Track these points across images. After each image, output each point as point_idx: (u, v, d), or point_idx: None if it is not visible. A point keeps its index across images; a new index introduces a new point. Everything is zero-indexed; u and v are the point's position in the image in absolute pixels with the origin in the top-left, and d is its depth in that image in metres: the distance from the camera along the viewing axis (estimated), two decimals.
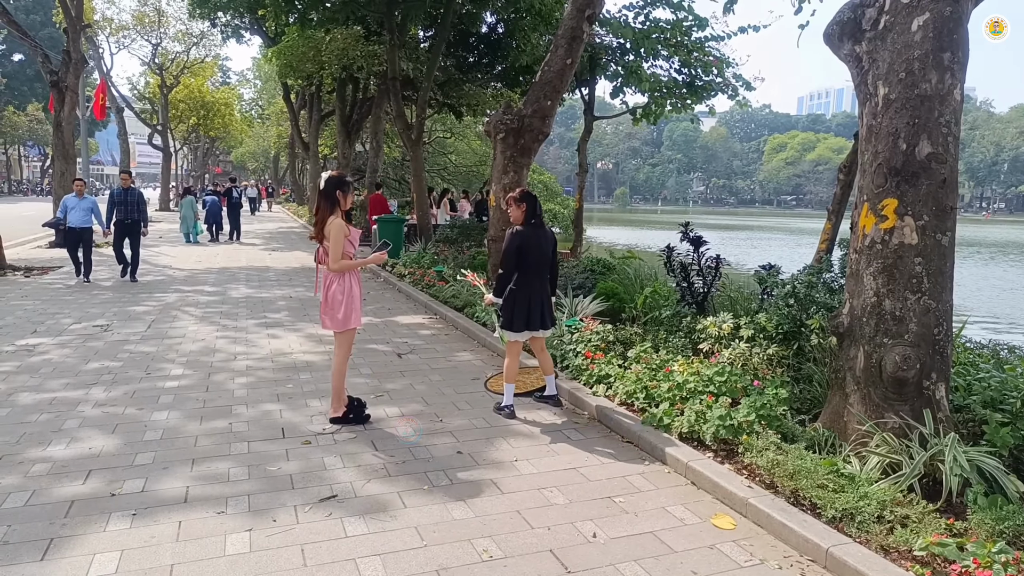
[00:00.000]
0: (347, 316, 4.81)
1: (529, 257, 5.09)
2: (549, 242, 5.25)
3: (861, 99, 4.25)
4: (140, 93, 37.93)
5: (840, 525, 3.31)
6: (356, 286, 4.88)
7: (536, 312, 5.14)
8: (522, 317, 5.11)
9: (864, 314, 4.04)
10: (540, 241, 5.16)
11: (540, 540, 3.38)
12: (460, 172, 37.31)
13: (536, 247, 5.12)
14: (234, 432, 4.74)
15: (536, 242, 5.13)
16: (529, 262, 5.09)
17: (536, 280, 5.16)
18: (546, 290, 5.27)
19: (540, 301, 5.16)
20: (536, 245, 5.12)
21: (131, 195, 11.46)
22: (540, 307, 5.16)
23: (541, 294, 5.19)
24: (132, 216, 11.41)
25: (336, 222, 4.67)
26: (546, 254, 5.21)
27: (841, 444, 4.03)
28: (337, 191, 4.73)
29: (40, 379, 5.83)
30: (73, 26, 16.30)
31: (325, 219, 4.71)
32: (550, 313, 5.27)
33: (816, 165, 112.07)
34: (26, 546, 3.20)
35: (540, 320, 5.17)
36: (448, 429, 4.90)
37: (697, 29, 12.98)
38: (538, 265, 5.16)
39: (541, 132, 9.48)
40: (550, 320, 5.28)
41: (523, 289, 5.10)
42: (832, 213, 7.95)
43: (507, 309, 5.13)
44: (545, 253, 5.20)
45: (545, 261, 5.22)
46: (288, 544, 3.28)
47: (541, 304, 5.17)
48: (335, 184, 4.75)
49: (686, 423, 4.47)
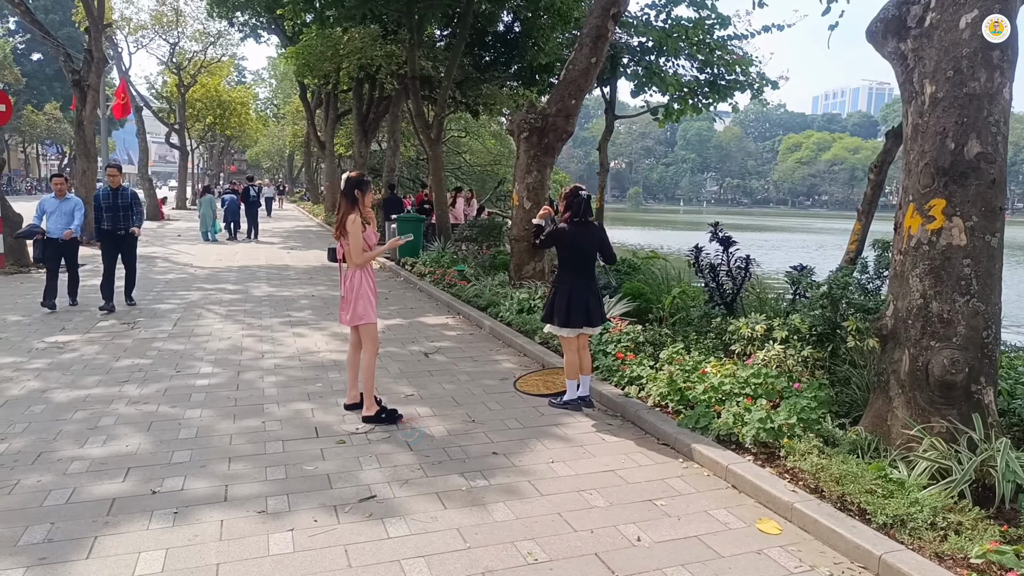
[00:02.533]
0: (365, 310, 4.92)
1: (569, 253, 5.24)
2: (596, 239, 5.31)
3: (906, 97, 4.18)
4: (158, 92, 38.18)
5: (891, 531, 3.25)
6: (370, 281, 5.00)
7: (581, 309, 5.16)
8: (575, 314, 5.15)
9: (909, 316, 3.97)
10: (586, 239, 5.24)
11: (584, 543, 3.35)
12: (474, 171, 37.28)
13: (580, 244, 5.22)
14: (268, 431, 4.73)
15: (582, 240, 5.22)
16: (571, 258, 5.23)
17: (582, 277, 5.21)
18: (593, 288, 5.29)
19: (587, 298, 5.18)
20: (580, 243, 5.22)
21: (122, 197, 8.74)
22: (586, 304, 5.18)
23: (587, 291, 5.21)
24: (125, 225, 8.75)
25: (351, 218, 4.81)
26: (592, 252, 5.29)
27: (886, 448, 3.96)
28: (356, 190, 4.88)
29: (72, 376, 5.87)
30: (95, 26, 16.42)
31: (345, 217, 4.85)
32: (598, 310, 5.29)
33: (832, 165, 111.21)
34: (71, 544, 3.20)
35: (587, 317, 5.19)
36: (481, 430, 4.88)
37: (720, 27, 12.89)
38: (584, 262, 5.24)
39: (565, 131, 9.45)
40: (598, 318, 5.29)
41: (567, 284, 5.19)
42: (862, 213, 7.85)
43: (559, 306, 5.19)
44: (591, 251, 5.28)
45: (591, 259, 5.29)
46: (331, 544, 3.27)
47: (587, 301, 5.18)
48: (354, 184, 4.90)
49: (724, 425, 4.42)
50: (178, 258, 15.04)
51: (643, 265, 9.43)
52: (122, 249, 8.92)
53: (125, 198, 8.79)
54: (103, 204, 8.69)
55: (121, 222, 8.73)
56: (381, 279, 12.33)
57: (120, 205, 8.72)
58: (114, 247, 8.83)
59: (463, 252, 13.32)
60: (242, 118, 41.50)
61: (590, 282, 5.28)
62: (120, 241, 8.83)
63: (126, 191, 8.87)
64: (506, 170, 33.36)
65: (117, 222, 8.72)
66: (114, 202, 8.70)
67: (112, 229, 8.71)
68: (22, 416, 4.86)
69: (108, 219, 8.67)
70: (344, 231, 4.85)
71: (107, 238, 8.77)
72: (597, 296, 5.34)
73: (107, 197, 8.71)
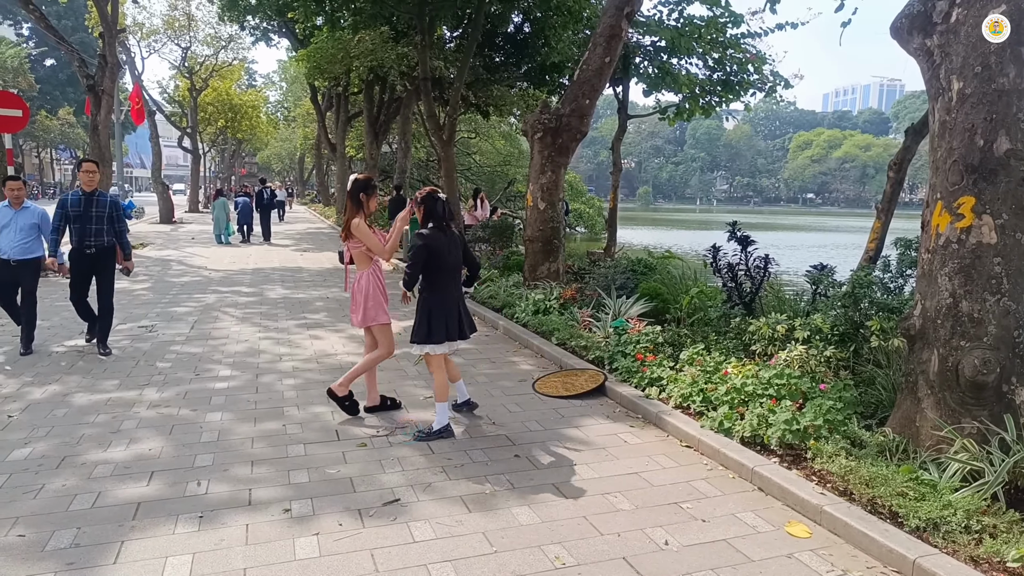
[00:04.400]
0: (376, 311, 4.95)
1: (438, 263, 4.66)
2: (457, 245, 4.82)
3: (932, 94, 4.12)
4: (170, 96, 38.41)
5: (925, 535, 3.20)
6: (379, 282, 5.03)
7: (455, 321, 4.72)
8: (441, 328, 4.66)
9: (938, 316, 3.91)
10: (451, 247, 4.72)
11: (611, 547, 3.31)
12: (484, 172, 37.26)
13: (448, 253, 4.69)
14: (288, 434, 4.73)
15: (449, 248, 4.70)
16: (440, 269, 4.68)
17: (450, 287, 4.75)
18: (462, 299, 4.86)
19: (456, 309, 4.76)
20: (448, 251, 4.69)
21: (98, 205, 6.53)
22: (458, 316, 4.75)
23: (458, 302, 4.79)
24: (98, 241, 6.55)
25: (355, 222, 4.85)
26: (459, 260, 4.81)
27: (915, 450, 3.91)
28: (361, 194, 4.93)
29: (92, 379, 5.89)
30: (109, 31, 16.52)
31: (350, 221, 4.90)
32: (468, 320, 4.88)
33: (843, 163, 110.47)
34: (98, 548, 3.20)
35: (459, 329, 4.77)
36: (502, 432, 4.85)
37: (733, 26, 12.81)
38: (453, 272, 4.78)
39: (579, 131, 9.42)
40: (469, 328, 4.87)
41: (438, 296, 4.69)
42: (882, 211, 7.78)
43: (423, 321, 4.66)
44: (457, 257, 4.79)
45: (458, 266, 4.82)
46: (357, 549, 3.25)
47: (457, 312, 4.76)
48: (360, 187, 4.94)
49: (748, 427, 4.38)
50: (192, 261, 15.11)
51: (659, 265, 9.38)
52: (96, 272, 6.67)
53: (102, 206, 6.55)
54: (71, 212, 6.48)
55: (93, 237, 6.50)
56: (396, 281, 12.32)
57: (95, 215, 6.50)
58: (86, 270, 6.66)
59: (477, 253, 13.32)
60: (253, 121, 41.69)
61: (457, 293, 4.82)
62: (93, 263, 6.61)
63: (104, 197, 6.62)
64: (516, 171, 33.34)
65: (85, 237, 6.49)
66: (86, 210, 6.49)
67: (79, 246, 6.53)
68: (44, 420, 4.88)
69: (76, 232, 6.50)
70: (350, 235, 4.90)
71: (74, 259, 6.62)
72: (466, 306, 4.90)
73: (77, 203, 6.49)
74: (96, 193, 6.58)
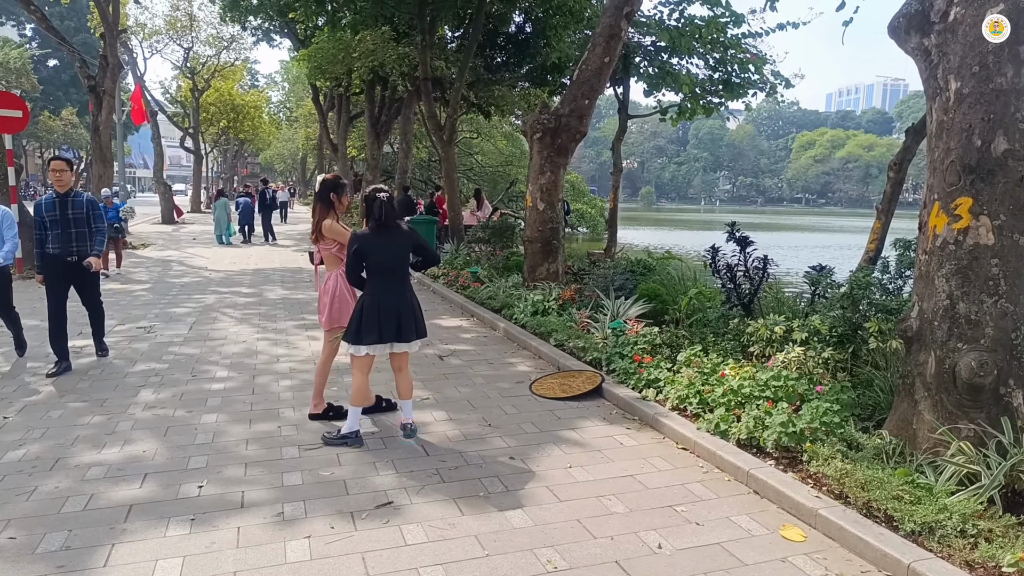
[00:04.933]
0: (341, 313, 4.87)
1: (369, 262, 4.49)
2: (402, 243, 4.56)
3: (930, 94, 4.09)
4: (172, 97, 38.48)
5: (920, 539, 3.17)
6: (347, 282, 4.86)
7: (391, 323, 4.43)
8: (372, 330, 4.41)
9: (935, 317, 3.88)
10: (387, 245, 4.49)
11: (604, 551, 3.29)
12: (486, 172, 37.25)
13: (381, 251, 4.48)
14: (283, 436, 4.72)
15: (382, 246, 4.48)
16: (372, 268, 4.51)
17: (387, 287, 4.48)
18: (406, 299, 4.54)
19: (395, 311, 4.46)
20: (381, 250, 4.48)
21: (74, 207, 6.07)
22: (396, 317, 4.45)
23: (397, 303, 4.48)
24: (79, 247, 6.11)
25: (327, 223, 4.80)
26: (397, 258, 4.54)
27: (911, 453, 3.88)
28: (331, 194, 4.88)
29: (90, 381, 5.88)
30: (110, 32, 16.56)
31: (321, 222, 4.84)
32: (412, 324, 4.51)
33: (846, 163, 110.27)
34: (88, 552, 3.19)
35: (396, 332, 4.47)
36: (497, 434, 4.84)
37: (734, 26, 12.78)
38: (387, 271, 4.51)
39: (578, 132, 9.40)
40: (411, 332, 4.52)
41: (371, 297, 4.46)
42: (882, 211, 7.74)
43: (354, 320, 4.48)
44: (396, 258, 4.53)
45: (395, 267, 4.55)
46: (348, 552, 3.23)
47: (397, 314, 4.46)
48: (330, 187, 4.90)
49: (744, 429, 4.35)
50: (193, 261, 15.12)
51: (658, 266, 9.35)
52: (76, 284, 6.28)
53: (79, 207, 6.08)
54: (47, 218, 6.00)
55: (73, 243, 6.06)
56: None
57: (72, 217, 6.04)
58: (62, 279, 6.15)
59: (476, 254, 13.30)
60: (255, 121, 41.73)
61: (396, 293, 4.51)
62: (72, 273, 6.15)
63: (80, 198, 6.14)
64: (518, 171, 33.32)
65: (67, 243, 6.04)
66: (62, 214, 6.01)
67: (61, 254, 6.05)
68: (40, 421, 4.87)
69: (54, 239, 6.02)
70: (321, 235, 4.85)
71: (52, 268, 6.07)
72: (411, 307, 4.54)
73: (51, 207, 6.01)
74: (71, 194, 6.09)
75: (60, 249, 6.05)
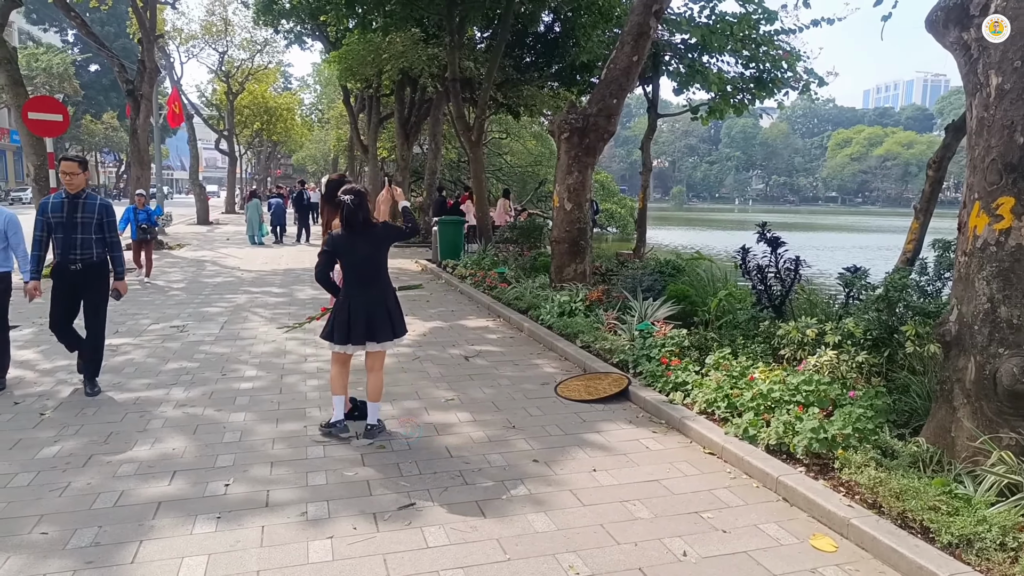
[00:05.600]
0: None
1: (342, 263, 4.56)
2: (374, 243, 4.57)
3: (969, 89, 3.95)
4: (208, 100, 39.23)
5: (957, 552, 3.06)
6: None
7: (359, 324, 4.48)
8: (342, 329, 4.50)
9: (975, 321, 3.75)
10: (356, 246, 4.50)
11: (628, 557, 3.24)
12: (515, 172, 37.26)
13: (351, 252, 4.51)
14: (309, 435, 4.75)
15: (351, 247, 4.51)
16: (344, 269, 4.56)
17: (359, 288, 4.52)
18: (380, 300, 4.55)
19: (365, 312, 4.49)
20: (350, 251, 4.51)
21: (85, 210, 5.37)
22: (365, 318, 4.49)
23: (369, 304, 4.50)
24: (85, 254, 5.37)
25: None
26: (369, 258, 4.54)
27: (949, 462, 3.75)
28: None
29: (123, 379, 6.00)
30: (147, 37, 16.93)
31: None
32: (385, 324, 4.53)
33: (884, 161, 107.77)
34: (117, 548, 3.24)
35: (365, 333, 4.50)
36: (521, 436, 4.81)
37: (766, 22, 12.56)
38: (357, 272, 4.54)
39: (606, 131, 9.32)
40: (383, 333, 4.53)
41: (343, 299, 4.56)
42: (920, 211, 7.52)
43: (330, 319, 4.62)
44: (367, 258, 4.53)
45: (366, 267, 4.54)
46: (370, 553, 3.23)
47: (367, 315, 4.49)
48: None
49: (774, 435, 4.26)
50: (226, 261, 15.38)
51: (688, 266, 9.23)
52: (83, 294, 5.52)
53: (89, 211, 5.38)
54: (52, 219, 5.33)
55: (78, 249, 5.34)
56: (422, 281, 12.37)
57: (80, 222, 5.34)
58: (67, 291, 5.48)
59: (504, 254, 13.28)
60: (288, 123, 42.33)
61: (376, 292, 4.55)
62: (78, 281, 5.42)
63: (93, 200, 5.44)
64: (547, 171, 33.25)
65: (72, 248, 5.34)
66: (69, 216, 5.33)
67: (64, 260, 5.37)
68: (75, 418, 4.97)
69: (59, 243, 5.36)
70: None
71: (59, 275, 5.43)
72: (386, 308, 4.55)
73: (59, 208, 5.34)
74: (83, 195, 5.38)
75: (61, 255, 5.40)
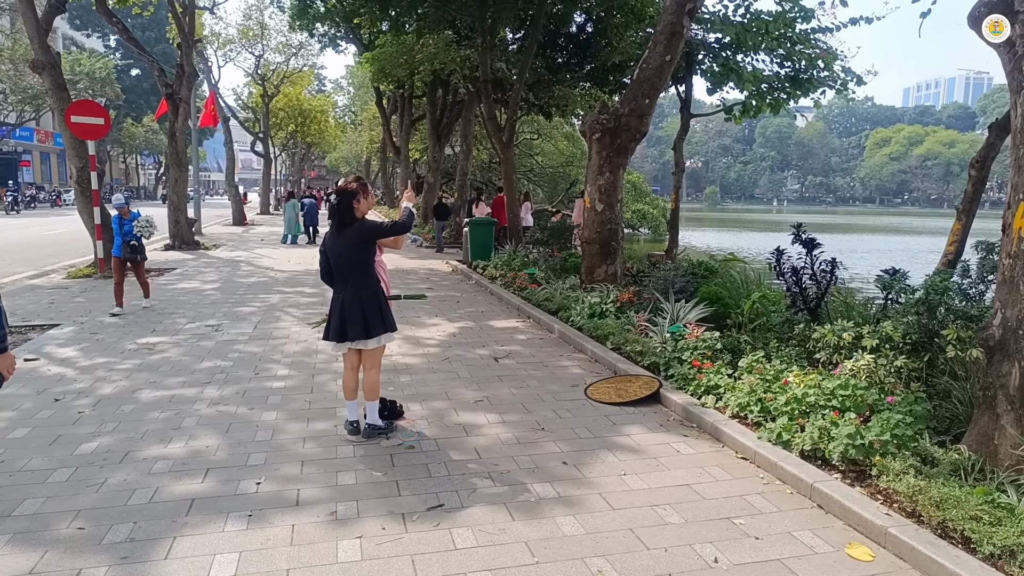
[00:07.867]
0: None
1: (328, 263, 4.70)
2: (346, 244, 4.60)
3: (1014, 87, 3.82)
4: (244, 103, 39.96)
5: (999, 563, 2.96)
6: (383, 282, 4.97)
7: (335, 322, 4.63)
8: (329, 328, 4.70)
9: (1020, 326, 3.62)
10: (334, 244, 4.63)
11: (657, 562, 3.20)
12: (546, 173, 37.23)
13: (331, 251, 4.65)
14: (339, 435, 4.78)
15: (331, 246, 4.65)
16: (330, 268, 4.69)
17: (338, 286, 4.67)
18: (354, 298, 4.58)
19: (340, 309, 4.61)
20: (331, 249, 4.65)
21: None
22: (339, 315, 4.60)
23: (343, 302, 4.60)
24: None
25: None
26: (344, 258, 4.60)
27: (992, 470, 3.63)
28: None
29: (159, 377, 6.12)
30: (186, 41, 17.29)
31: None
32: (356, 322, 4.56)
33: (924, 160, 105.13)
34: (151, 544, 3.30)
35: (339, 330, 4.60)
36: (550, 438, 4.78)
37: (802, 21, 12.32)
38: (336, 270, 4.65)
39: (638, 131, 9.24)
40: (358, 332, 4.57)
41: (334, 298, 4.72)
42: (962, 212, 7.31)
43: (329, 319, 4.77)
44: (340, 256, 4.61)
45: (343, 266, 4.61)
46: (398, 554, 3.24)
47: (340, 312, 4.60)
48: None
49: (808, 440, 4.16)
50: (260, 262, 15.62)
51: (720, 268, 9.09)
52: None
53: None
54: None
55: None
56: (452, 282, 12.41)
57: None
58: None
59: (534, 255, 13.26)
60: (322, 125, 42.94)
61: (345, 291, 4.61)
62: None
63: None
64: (578, 171, 33.14)
65: None
66: None
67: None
68: (112, 415, 5.09)
69: None
70: None
71: None
72: (360, 306, 4.57)
73: None
74: None
75: None
